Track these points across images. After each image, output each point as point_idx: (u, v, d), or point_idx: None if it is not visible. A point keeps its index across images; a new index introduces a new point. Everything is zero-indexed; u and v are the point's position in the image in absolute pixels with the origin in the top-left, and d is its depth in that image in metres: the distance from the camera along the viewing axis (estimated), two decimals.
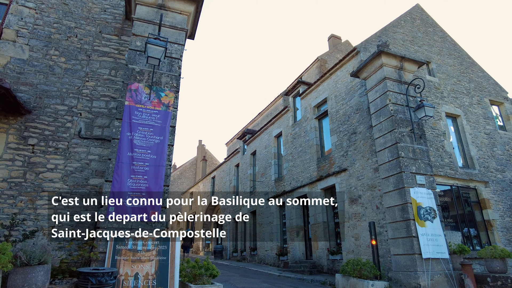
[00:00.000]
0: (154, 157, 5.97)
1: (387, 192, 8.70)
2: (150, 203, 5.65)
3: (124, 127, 5.99)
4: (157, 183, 5.80)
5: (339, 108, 12.83)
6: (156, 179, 5.83)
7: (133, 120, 6.08)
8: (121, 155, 5.79)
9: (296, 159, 15.16)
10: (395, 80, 9.39)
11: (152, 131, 6.13)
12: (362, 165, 11.18)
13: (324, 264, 12.26)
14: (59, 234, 5.76)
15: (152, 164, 5.90)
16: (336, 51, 25.76)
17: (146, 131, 6.10)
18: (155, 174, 5.85)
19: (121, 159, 5.76)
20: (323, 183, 12.93)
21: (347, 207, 11.54)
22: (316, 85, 14.41)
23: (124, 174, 5.69)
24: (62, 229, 5.85)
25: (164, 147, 6.09)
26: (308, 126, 14.59)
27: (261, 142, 19.27)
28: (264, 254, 16.85)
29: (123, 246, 5.25)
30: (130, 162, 5.79)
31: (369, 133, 11.07)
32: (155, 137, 6.11)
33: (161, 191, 5.77)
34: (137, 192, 5.65)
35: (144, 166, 5.85)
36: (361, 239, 10.75)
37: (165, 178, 5.90)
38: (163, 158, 6.01)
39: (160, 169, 5.91)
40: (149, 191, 5.72)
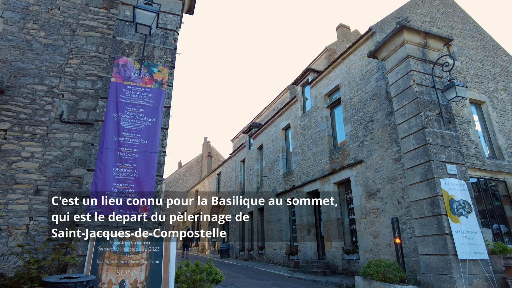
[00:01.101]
0: (145, 142, 5.06)
1: (412, 184, 7.71)
2: (140, 196, 4.75)
3: (109, 107, 5.09)
4: (149, 173, 4.89)
5: (353, 95, 11.81)
6: (147, 167, 4.92)
7: (120, 99, 5.17)
8: (105, 140, 4.89)
9: (306, 152, 14.17)
10: (419, 59, 8.36)
11: (143, 112, 5.22)
12: (380, 155, 10.16)
13: (339, 264, 11.29)
14: (34, 233, 4.90)
15: (142, 150, 5.00)
16: (345, 40, 24.66)
17: (136, 112, 5.19)
18: (146, 162, 4.95)
19: (105, 145, 4.87)
20: (337, 176, 11.94)
21: (364, 202, 10.55)
22: (327, 72, 13.39)
23: (109, 162, 4.79)
24: (38, 227, 4.98)
25: (156, 131, 5.17)
26: (319, 116, 13.59)
27: (268, 136, 18.31)
28: (273, 253, 15.93)
29: (107, 247, 4.35)
30: (117, 148, 4.89)
31: (388, 120, 10.06)
32: (146, 119, 5.20)
33: (153, 182, 4.86)
34: (124, 183, 4.75)
35: (133, 153, 4.95)
36: (380, 236, 9.76)
37: (158, 167, 4.99)
38: (156, 143, 5.10)
39: (152, 156, 5.00)
40: (139, 182, 4.81)
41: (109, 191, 4.64)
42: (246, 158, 21.42)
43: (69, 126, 5.68)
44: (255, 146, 19.98)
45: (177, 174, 46.41)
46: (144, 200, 4.74)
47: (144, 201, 4.74)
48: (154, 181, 4.87)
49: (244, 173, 22.03)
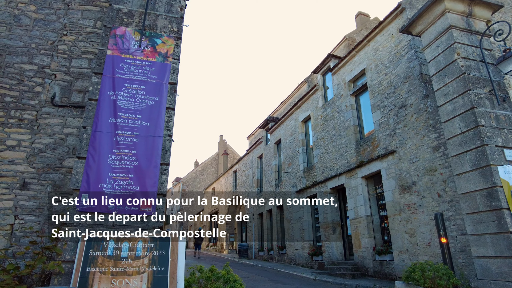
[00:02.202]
0: (147, 124, 4.21)
1: (460, 173, 6.58)
2: (141, 188, 3.90)
3: (105, 84, 4.27)
4: (151, 160, 4.04)
5: (381, 79, 10.70)
6: (149, 154, 4.07)
7: (117, 75, 4.35)
8: (99, 122, 4.07)
9: (329, 144, 13.12)
10: (464, 30, 7.21)
11: (144, 89, 4.38)
12: (415, 144, 9.04)
13: (369, 266, 10.22)
14: (20, 234, 4.13)
15: (143, 133, 4.15)
16: (365, 29, 23.33)
17: (136, 89, 4.36)
18: (148, 148, 4.10)
19: (99, 127, 4.05)
20: (365, 169, 10.85)
21: (398, 197, 9.44)
22: (351, 56, 12.30)
23: (103, 148, 3.97)
24: (25, 227, 4.21)
25: (160, 111, 4.32)
26: (343, 104, 12.51)
27: (286, 129, 17.33)
28: (294, 253, 14.95)
29: (100, 251, 3.52)
30: (113, 131, 4.06)
31: (423, 104, 8.92)
32: (148, 97, 4.36)
33: (156, 172, 4.01)
34: (122, 173, 3.92)
35: (132, 137, 4.11)
36: (417, 235, 8.64)
37: (162, 153, 4.13)
38: (159, 125, 4.25)
39: (155, 140, 4.15)
40: (140, 172, 3.97)
41: (104, 183, 3.81)
42: (263, 154, 20.50)
43: (62, 110, 4.90)
44: (273, 141, 19.03)
45: (193, 173, 46.01)
46: (146, 193, 3.89)
47: (146, 194, 3.89)
48: (158, 170, 4.02)
49: (261, 169, 21.12)
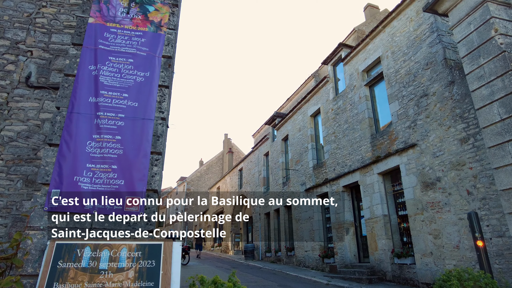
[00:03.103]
0: (135, 105, 3.46)
1: (500, 167, 5.75)
2: (126, 182, 3.14)
3: (85, 56, 3.52)
4: (140, 148, 3.28)
5: (399, 67, 9.85)
6: (137, 141, 3.31)
7: (100, 46, 3.60)
8: (77, 102, 3.33)
9: (341, 139, 12.29)
10: (501, 3, 6.36)
11: (132, 64, 3.62)
12: (439, 136, 8.19)
13: (387, 270, 9.38)
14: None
15: (130, 115, 3.40)
16: (374, 21, 22.42)
17: (122, 64, 3.60)
18: (135, 133, 3.34)
19: (76, 108, 3.30)
20: (382, 165, 10.01)
21: (419, 194, 8.60)
22: (365, 44, 11.45)
23: (81, 133, 3.22)
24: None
25: (151, 89, 3.56)
26: (356, 96, 11.67)
27: (294, 125, 16.51)
28: (304, 255, 14.14)
29: (72, 262, 2.76)
30: (93, 113, 3.31)
31: (448, 92, 8.07)
32: (137, 72, 3.60)
33: (146, 162, 3.25)
34: (103, 163, 3.17)
35: (116, 119, 3.36)
36: (443, 236, 7.80)
37: (153, 140, 3.37)
38: (150, 106, 3.49)
39: (144, 124, 3.39)
40: (126, 162, 3.21)
41: (80, 176, 3.06)
42: (270, 151, 19.71)
43: (38, 93, 4.16)
44: (280, 138, 18.23)
45: (198, 172, 45.38)
46: (132, 188, 3.12)
47: (133, 190, 3.13)
48: (148, 160, 3.25)
49: (268, 167, 20.33)
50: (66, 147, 3.13)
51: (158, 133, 3.41)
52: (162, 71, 3.70)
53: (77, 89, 3.36)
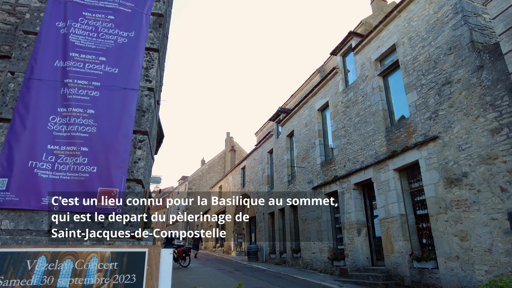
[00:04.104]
0: (114, 71, 2.70)
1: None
2: (100, 170, 2.38)
3: (51, 10, 2.77)
4: (120, 126, 2.52)
5: (417, 53, 9.05)
6: (116, 116, 2.55)
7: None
8: (38, 66, 2.57)
9: (352, 133, 11.49)
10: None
11: (113, 21, 2.86)
12: (465, 127, 7.39)
13: (405, 275, 8.58)
14: None
15: (108, 84, 2.64)
16: (382, 13, 21.63)
17: (100, 21, 2.84)
18: (113, 106, 2.58)
19: (37, 73, 2.55)
20: (398, 160, 9.21)
21: (442, 191, 7.80)
22: (378, 31, 10.66)
23: (41, 105, 2.47)
24: None
25: (137, 52, 2.80)
26: (369, 87, 10.87)
27: (300, 120, 15.72)
28: (311, 257, 13.35)
29: (19, 278, 2.00)
30: (60, 80, 2.56)
31: (476, 78, 7.27)
32: (119, 32, 2.84)
33: (127, 144, 2.49)
34: (70, 145, 2.41)
35: (90, 89, 2.60)
36: (472, 238, 7.00)
37: (137, 115, 2.61)
38: (134, 73, 2.73)
39: (126, 95, 2.63)
40: (100, 143, 2.45)
41: (38, 161, 2.30)
42: (274, 148, 18.93)
43: (1, 63, 3.38)
44: (284, 134, 17.44)
45: (200, 171, 44.70)
46: (108, 177, 2.36)
47: (109, 179, 2.36)
48: (130, 141, 2.49)
49: (272, 165, 19.56)
50: (20, 123, 2.37)
51: (143, 107, 2.64)
52: (150, 31, 2.93)
53: (39, 50, 2.60)
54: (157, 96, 3.02)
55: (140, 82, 2.71)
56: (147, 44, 2.88)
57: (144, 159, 2.49)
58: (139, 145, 2.51)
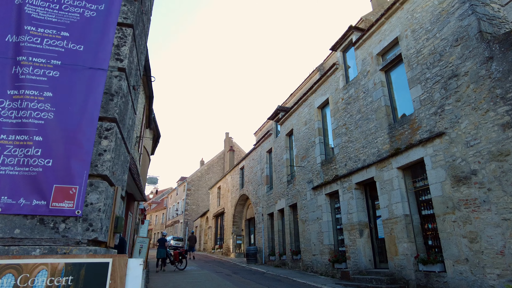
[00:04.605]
0: (79, 49, 2.30)
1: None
2: (56, 163, 1.96)
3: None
4: (83, 112, 2.12)
5: (421, 46, 8.66)
6: (79, 100, 2.14)
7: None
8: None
9: (353, 131, 11.09)
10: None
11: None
12: (474, 122, 7.00)
13: (411, 278, 8.18)
14: None
15: (70, 63, 2.23)
16: (383, 10, 21.31)
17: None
18: (76, 88, 2.18)
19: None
20: (401, 158, 8.81)
21: (449, 190, 7.40)
22: (380, 24, 10.27)
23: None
24: None
25: (107, 28, 2.40)
26: (370, 82, 10.48)
27: (299, 118, 15.32)
28: (311, 259, 12.93)
29: None
30: (10, 57, 2.16)
31: (485, 69, 6.88)
32: (86, 4, 2.45)
33: (90, 133, 2.08)
34: (20, 133, 2.00)
35: (48, 68, 2.19)
36: (482, 240, 6.59)
37: (105, 99, 2.21)
38: (103, 51, 2.33)
39: (93, 76, 2.23)
40: (57, 132, 2.04)
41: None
42: (273, 148, 18.53)
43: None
44: (283, 133, 17.04)
45: (199, 172, 44.29)
46: (65, 172, 1.95)
47: (68, 174, 1.96)
48: (95, 129, 2.09)
49: (271, 165, 19.15)
50: None
51: (112, 90, 2.24)
52: (124, 4, 2.53)
53: None
54: (132, 80, 2.62)
55: (110, 61, 2.30)
56: (120, 19, 2.47)
57: (111, 151, 2.09)
58: (105, 134, 2.10)
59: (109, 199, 2.11)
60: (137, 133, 10.95)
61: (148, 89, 11.36)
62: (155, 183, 19.59)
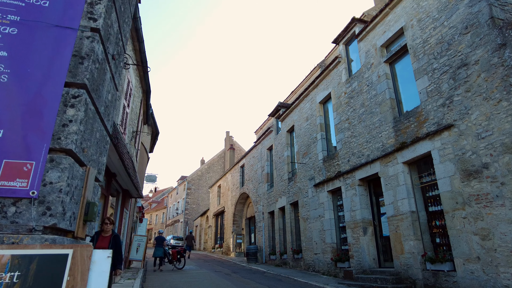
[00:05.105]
0: (44, 4, 1.97)
1: None
2: (9, 133, 1.60)
3: None
4: (47, 76, 1.77)
5: (427, 36, 8.30)
6: (42, 62, 1.79)
7: None
8: None
9: (356, 125, 10.73)
10: None
11: None
12: (485, 113, 6.64)
13: (418, 277, 7.82)
14: None
15: (31, 19, 1.88)
16: (384, 4, 20.94)
17: None
18: (38, 48, 1.83)
19: None
20: (407, 153, 8.45)
21: (459, 185, 7.04)
22: (384, 15, 9.92)
23: None
24: None
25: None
26: (374, 75, 10.12)
27: (301, 114, 14.96)
28: (313, 258, 12.58)
29: None
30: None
31: (497, 57, 6.51)
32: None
33: (54, 101, 1.71)
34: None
35: (4, 24, 1.83)
36: (495, 237, 6.23)
37: (73, 62, 1.84)
38: (73, 9, 2.00)
39: (59, 35, 1.89)
40: (12, 97, 1.68)
41: None
42: (274, 145, 18.17)
43: None
44: (284, 129, 16.69)
45: (199, 171, 43.95)
46: (19, 144, 1.59)
47: (21, 147, 1.59)
48: (60, 96, 1.72)
49: (271, 162, 18.80)
50: None
51: (82, 52, 1.89)
52: None
53: None
54: (110, 47, 2.27)
55: (81, 19, 1.96)
56: None
57: (79, 122, 1.74)
58: (72, 102, 1.76)
59: (76, 179, 1.76)
60: (134, 128, 10.61)
61: (145, 82, 11.02)
62: (153, 181, 19.24)
